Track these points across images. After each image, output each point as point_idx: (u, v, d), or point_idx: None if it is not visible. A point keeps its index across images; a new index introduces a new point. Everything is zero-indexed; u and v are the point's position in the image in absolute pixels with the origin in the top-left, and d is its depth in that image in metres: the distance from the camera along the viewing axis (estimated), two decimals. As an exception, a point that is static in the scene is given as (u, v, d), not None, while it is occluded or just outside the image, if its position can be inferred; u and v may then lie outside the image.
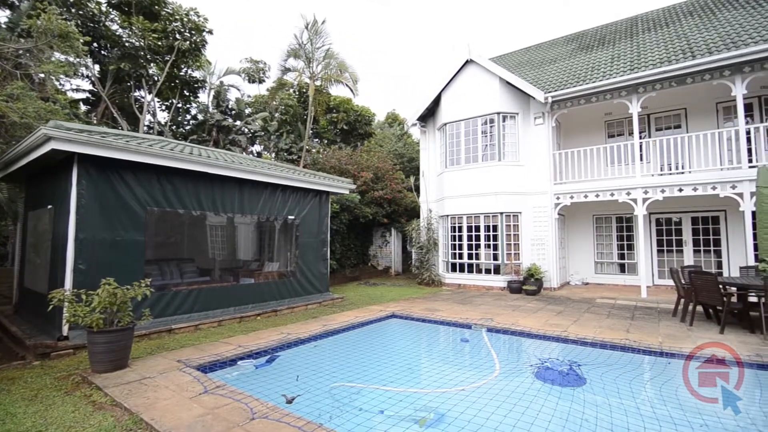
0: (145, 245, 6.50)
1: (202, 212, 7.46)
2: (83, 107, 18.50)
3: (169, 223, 7.40)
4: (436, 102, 13.77)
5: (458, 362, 5.83)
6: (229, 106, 22.71)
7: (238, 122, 22.26)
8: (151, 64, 17.75)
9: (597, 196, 10.97)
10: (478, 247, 12.25)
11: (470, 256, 12.36)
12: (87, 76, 17.57)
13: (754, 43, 8.96)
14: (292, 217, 9.23)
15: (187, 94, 20.48)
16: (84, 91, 18.87)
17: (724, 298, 6.46)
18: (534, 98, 11.61)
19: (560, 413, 3.82)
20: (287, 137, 21.81)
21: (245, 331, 6.55)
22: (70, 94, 17.32)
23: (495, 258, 11.94)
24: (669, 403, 4.10)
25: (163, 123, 20.75)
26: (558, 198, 11.59)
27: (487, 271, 12.11)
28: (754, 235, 8.61)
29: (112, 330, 4.53)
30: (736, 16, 10.86)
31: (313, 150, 22.70)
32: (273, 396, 4.06)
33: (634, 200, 10.34)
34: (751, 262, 8.85)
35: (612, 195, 10.73)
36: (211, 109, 21.49)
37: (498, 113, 12.14)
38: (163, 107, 21.25)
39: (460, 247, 12.56)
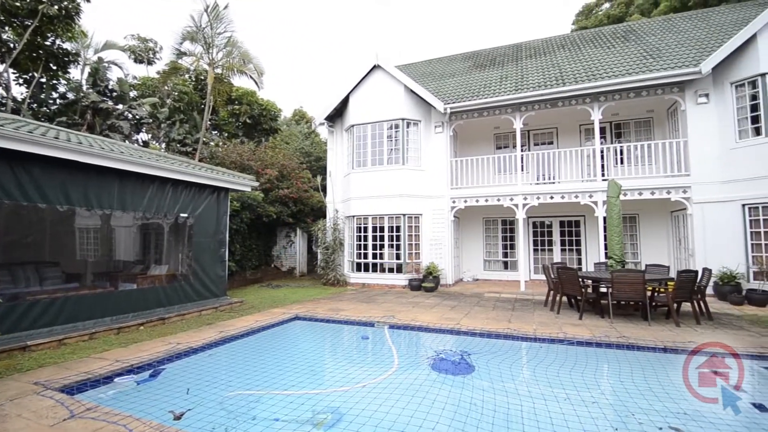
0: (-12, 246, 5.34)
1: (70, 207, 6.40)
2: None
3: (26, 220, 6.18)
4: (345, 103, 13.86)
5: (360, 360, 5.95)
6: (110, 87, 19.79)
7: (120, 106, 19.54)
8: (6, 28, 14.65)
9: (486, 201, 12.18)
10: (382, 247, 12.65)
11: (375, 256, 12.70)
12: None
13: (608, 77, 10.84)
14: (185, 215, 8.44)
15: (54, 68, 17.31)
16: None
17: (583, 290, 7.70)
18: (435, 108, 12.42)
19: (452, 400, 4.16)
20: (181, 127, 19.84)
21: (124, 344, 5.79)
22: None
23: (398, 257, 12.46)
24: (541, 382, 4.74)
25: (20, 100, 17.25)
26: (454, 202, 12.58)
27: (390, 270, 12.57)
28: (605, 237, 10.43)
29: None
30: (596, 53, 13.01)
31: (212, 143, 21.03)
32: (158, 414, 3.68)
33: (516, 205, 11.72)
34: (603, 258, 10.67)
35: (498, 200, 12.01)
36: (85, 88, 18.50)
37: (403, 119, 12.70)
38: (21, 81, 17.63)
39: (365, 247, 12.83)
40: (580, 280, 7.90)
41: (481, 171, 12.81)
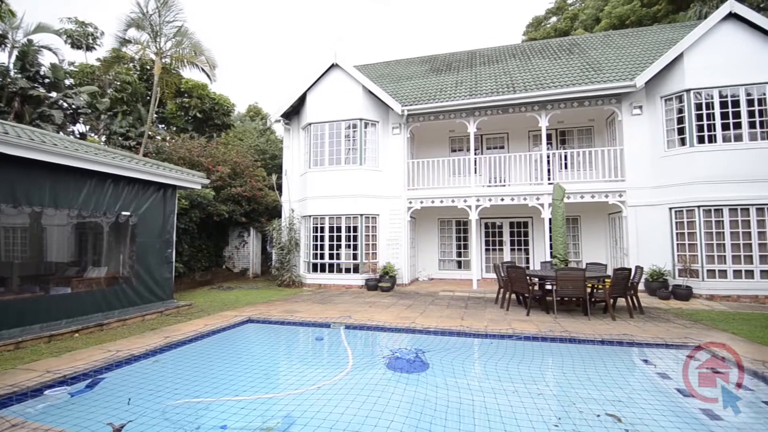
0: None
1: (-9, 204, 5.78)
2: None
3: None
4: (302, 100, 13.63)
5: (316, 362, 5.89)
6: (42, 73, 18.09)
7: (53, 93, 17.92)
8: None
9: (442, 202, 12.49)
10: (339, 247, 12.58)
11: (331, 256, 12.60)
12: None
13: (554, 87, 11.50)
14: (128, 214, 7.91)
15: (-28, 48, 15.57)
16: None
17: (530, 287, 8.11)
18: (393, 109, 12.55)
19: (407, 398, 4.23)
20: (123, 119, 18.55)
21: (56, 353, 5.33)
22: None
23: (354, 258, 12.45)
24: (491, 376, 4.93)
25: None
26: (411, 202, 12.77)
27: (347, 271, 12.53)
28: (550, 237, 11.05)
29: None
30: (543, 63, 13.75)
31: (158, 137, 19.83)
32: (95, 427, 3.43)
33: (469, 207, 12.12)
34: (548, 257, 11.29)
35: (453, 202, 12.36)
36: (13, 74, 16.78)
37: (361, 119, 12.70)
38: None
39: (322, 247, 12.69)
40: (528, 278, 8.32)
41: (436, 173, 13.12)
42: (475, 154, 12.91)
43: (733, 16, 9.99)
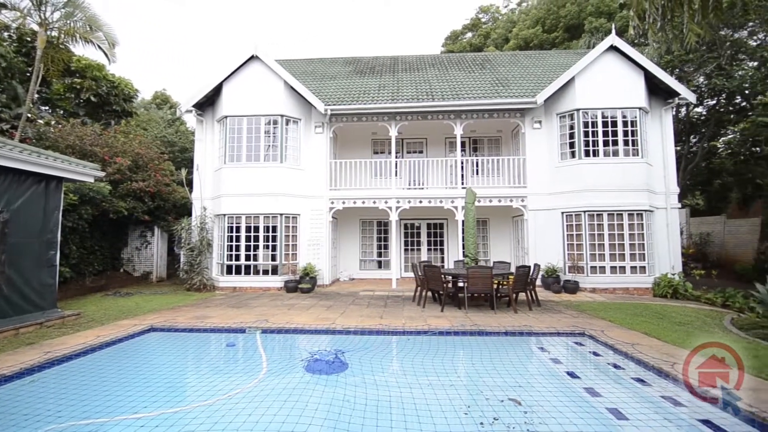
0: None
1: None
2: None
3: None
4: (217, 91, 12.77)
5: (229, 370, 5.57)
6: None
7: None
8: None
9: (363, 203, 12.66)
10: (256, 248, 12.03)
11: (248, 258, 12.00)
12: None
13: (468, 98, 12.33)
14: (-4, 210, 6.69)
15: None
16: None
17: (444, 285, 8.60)
18: (316, 108, 12.38)
19: (326, 400, 4.21)
20: (-8, 97, 15.59)
21: None
22: None
23: (273, 259, 12.02)
24: (408, 372, 5.13)
25: None
26: (333, 203, 12.72)
27: (265, 272, 12.05)
28: (463, 237, 11.84)
29: None
30: (459, 75, 14.66)
31: (41, 121, 17.05)
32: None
33: (390, 208, 12.46)
34: (461, 256, 12.06)
35: (374, 203, 12.60)
36: None
37: (282, 116, 12.31)
38: None
39: (238, 248, 12.02)
40: (443, 276, 8.82)
41: (359, 174, 13.25)
42: (396, 157, 13.32)
43: (614, 48, 11.68)
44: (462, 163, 13.02)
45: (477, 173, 13.80)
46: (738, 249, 16.15)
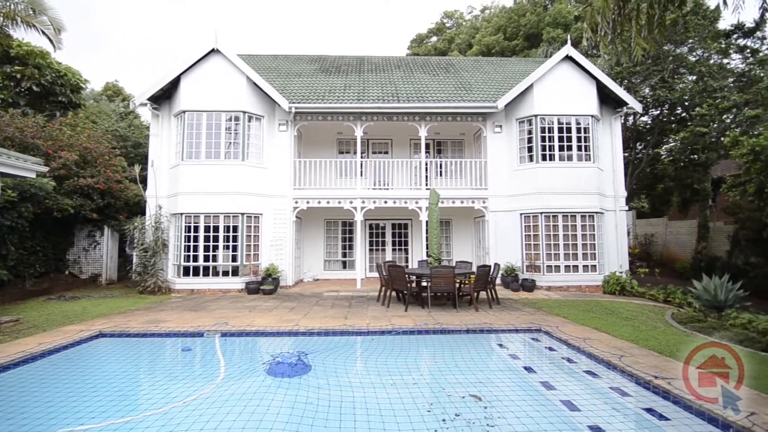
0: None
1: None
2: None
3: None
4: (175, 85, 12.20)
5: (185, 376, 5.34)
6: None
7: None
8: None
9: (328, 202, 12.55)
10: (215, 248, 11.61)
11: (207, 258, 11.56)
12: None
13: (433, 100, 12.53)
14: None
15: None
16: None
17: (408, 284, 8.69)
18: (280, 105, 12.12)
19: (288, 403, 4.14)
20: None
21: None
22: None
23: (234, 259, 11.65)
24: (372, 371, 5.14)
25: None
26: (297, 202, 12.52)
27: (225, 274, 11.66)
28: (427, 237, 12.01)
29: None
30: (424, 78, 14.87)
31: (-30, 110, 15.56)
32: None
33: (355, 208, 12.43)
34: (425, 256, 12.25)
35: (339, 203, 12.52)
36: None
37: (244, 112, 11.96)
38: None
39: (196, 248, 11.54)
40: (407, 276, 8.91)
41: (324, 173, 13.11)
42: (362, 157, 13.30)
43: (569, 58, 12.28)
44: (426, 164, 13.21)
45: (441, 175, 14.06)
46: (678, 249, 17.49)
